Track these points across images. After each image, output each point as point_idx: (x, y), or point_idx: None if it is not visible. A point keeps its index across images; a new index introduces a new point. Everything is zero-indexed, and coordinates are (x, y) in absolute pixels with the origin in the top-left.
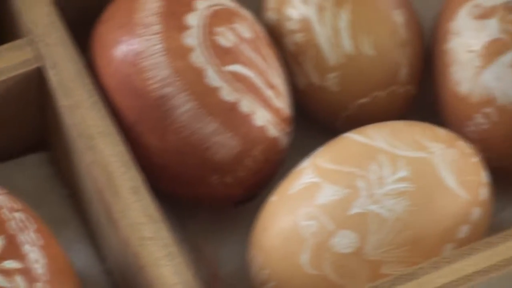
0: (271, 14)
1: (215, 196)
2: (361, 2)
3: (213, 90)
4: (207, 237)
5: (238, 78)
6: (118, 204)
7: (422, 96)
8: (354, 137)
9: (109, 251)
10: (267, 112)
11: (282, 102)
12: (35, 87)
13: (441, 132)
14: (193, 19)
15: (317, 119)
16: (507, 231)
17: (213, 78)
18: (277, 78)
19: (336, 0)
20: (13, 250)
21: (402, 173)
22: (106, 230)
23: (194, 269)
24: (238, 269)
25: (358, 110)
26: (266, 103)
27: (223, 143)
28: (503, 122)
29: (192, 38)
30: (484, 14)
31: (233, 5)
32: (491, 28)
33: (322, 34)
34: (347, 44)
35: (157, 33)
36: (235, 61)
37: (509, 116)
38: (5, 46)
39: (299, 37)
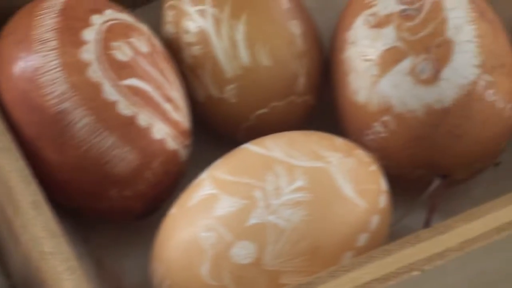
0: (169, 28)
1: (116, 209)
2: (257, 14)
3: (110, 105)
4: (110, 250)
5: (135, 92)
6: (19, 219)
7: (322, 105)
8: (251, 148)
9: (14, 266)
10: (165, 125)
11: (181, 115)
12: None
13: (338, 141)
14: (89, 34)
15: (218, 131)
16: (405, 238)
17: (110, 92)
18: (175, 91)
19: (232, 12)
20: None
21: (299, 183)
22: (9, 246)
23: (96, 282)
24: (142, 281)
25: (257, 121)
26: (164, 117)
27: (122, 157)
28: (401, 130)
29: (88, 53)
30: (380, 23)
31: (130, 20)
32: (387, 37)
33: (219, 47)
34: (244, 55)
35: (54, 49)
36: (132, 75)
37: (407, 124)
38: None
39: (197, 50)
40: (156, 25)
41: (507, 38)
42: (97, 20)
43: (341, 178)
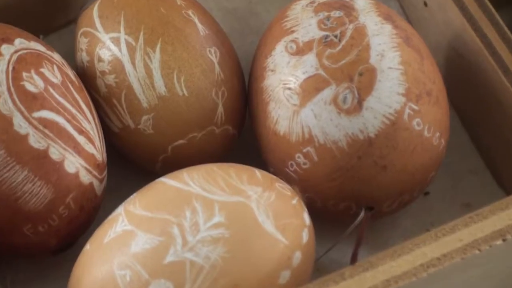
0: (83, 55)
1: (31, 245)
2: (172, 41)
3: (21, 138)
4: (26, 286)
5: (46, 124)
6: None
7: (244, 135)
8: (167, 182)
9: None
10: (79, 158)
11: (95, 148)
12: None
13: (258, 174)
14: None
15: (136, 162)
16: (328, 276)
17: (20, 125)
18: (89, 122)
19: (146, 39)
20: None
21: (217, 219)
22: None
23: None
24: None
25: (175, 153)
26: (78, 149)
27: (34, 191)
28: (324, 162)
29: None
30: (301, 50)
31: (41, 48)
32: (308, 64)
33: (134, 75)
34: (159, 85)
35: None
36: (43, 107)
37: (329, 155)
38: None
39: (111, 79)
40: (71, 51)
41: (434, 64)
42: (6, 50)
43: (261, 213)
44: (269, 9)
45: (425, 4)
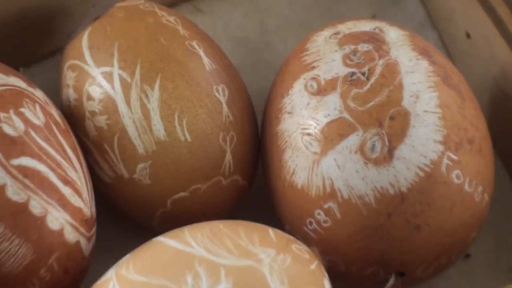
0: (69, 92)
1: None
2: (173, 77)
3: None
4: None
5: (27, 173)
6: None
7: (255, 187)
8: (166, 242)
9: None
10: (63, 213)
11: (83, 200)
12: None
13: (272, 233)
14: None
15: (130, 218)
16: None
17: None
18: (76, 171)
19: (144, 74)
20: None
21: (223, 286)
22: None
23: None
24: None
25: (175, 207)
26: (62, 202)
27: (11, 251)
28: (348, 220)
29: None
30: (323, 89)
31: (22, 85)
32: (331, 106)
33: (128, 117)
34: (158, 128)
35: None
36: (23, 153)
37: (354, 212)
38: None
39: (102, 121)
40: (56, 86)
41: (478, 106)
42: None
43: (274, 279)
44: (286, 40)
45: (468, 35)
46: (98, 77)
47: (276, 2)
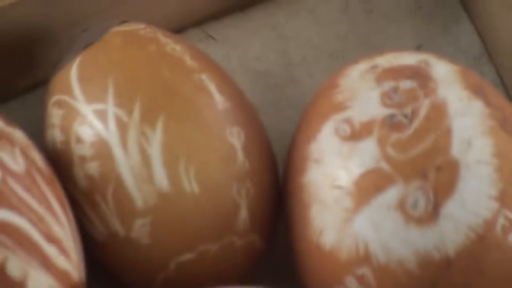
0: (55, 133)
1: None
2: (179, 117)
3: None
4: None
5: (4, 228)
6: None
7: (274, 248)
8: None
9: None
10: (47, 276)
11: (70, 262)
12: None
13: None
14: None
15: (126, 282)
16: None
17: None
18: (62, 227)
19: (144, 113)
20: None
21: None
22: None
23: None
24: None
25: (180, 271)
26: (46, 264)
27: None
28: None
29: None
30: (357, 134)
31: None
32: (366, 154)
33: (125, 163)
34: (160, 177)
35: None
36: (0, 205)
37: (392, 281)
38: None
39: (94, 168)
40: (39, 126)
41: None
42: None
43: None
44: (313, 74)
45: None
46: (90, 115)
47: (302, 28)
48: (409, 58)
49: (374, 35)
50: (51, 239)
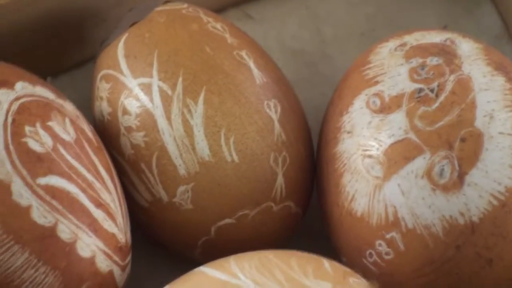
0: (103, 106)
1: None
2: (220, 90)
3: (22, 211)
4: None
5: (55, 194)
6: None
7: (308, 214)
8: (210, 273)
9: None
10: (95, 238)
11: (117, 225)
12: None
13: (327, 265)
14: None
15: (169, 245)
16: None
17: (21, 194)
18: (110, 193)
19: (186, 87)
20: None
21: None
22: None
23: None
24: None
25: (220, 235)
26: (94, 227)
27: (37, 280)
28: (412, 252)
29: None
30: (387, 107)
31: (49, 95)
32: (396, 126)
33: (169, 134)
34: (202, 147)
35: None
36: (51, 171)
37: (419, 244)
38: None
39: (139, 137)
40: (87, 99)
41: None
42: (4, 97)
43: None
44: (345, 51)
45: None
46: (135, 89)
47: (335, 8)
48: (435, 37)
49: (402, 15)
50: (99, 204)
